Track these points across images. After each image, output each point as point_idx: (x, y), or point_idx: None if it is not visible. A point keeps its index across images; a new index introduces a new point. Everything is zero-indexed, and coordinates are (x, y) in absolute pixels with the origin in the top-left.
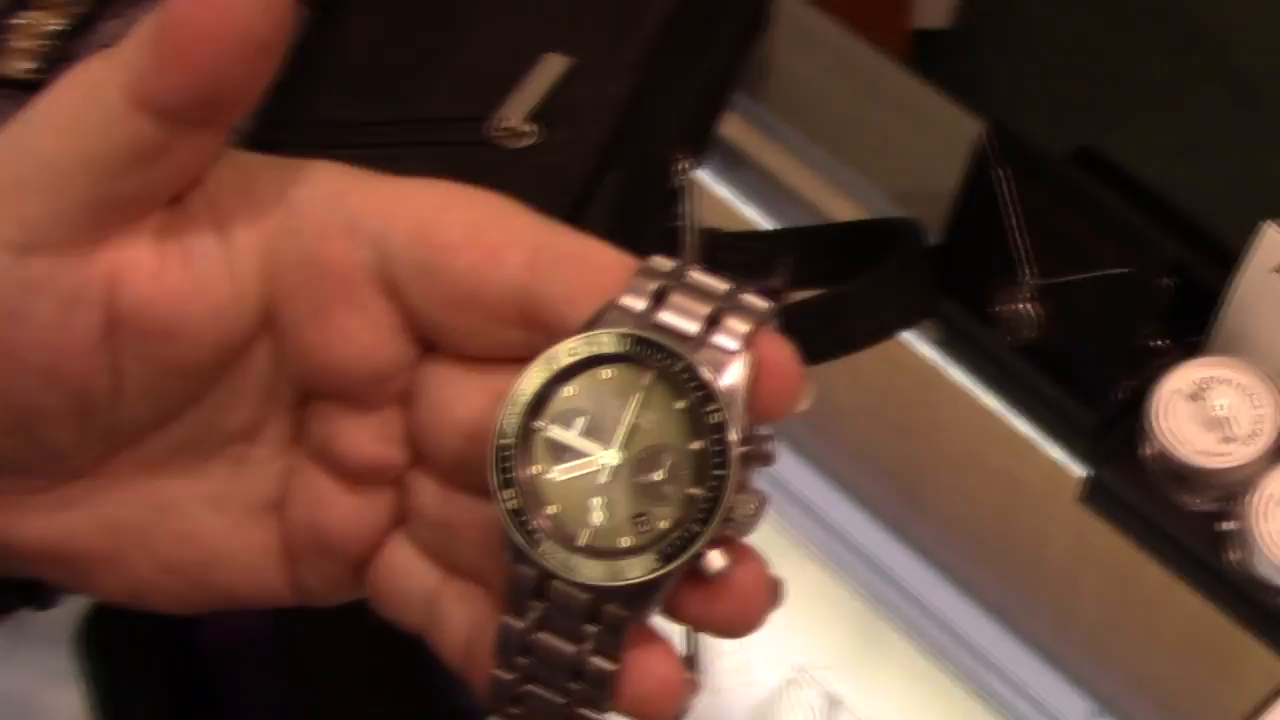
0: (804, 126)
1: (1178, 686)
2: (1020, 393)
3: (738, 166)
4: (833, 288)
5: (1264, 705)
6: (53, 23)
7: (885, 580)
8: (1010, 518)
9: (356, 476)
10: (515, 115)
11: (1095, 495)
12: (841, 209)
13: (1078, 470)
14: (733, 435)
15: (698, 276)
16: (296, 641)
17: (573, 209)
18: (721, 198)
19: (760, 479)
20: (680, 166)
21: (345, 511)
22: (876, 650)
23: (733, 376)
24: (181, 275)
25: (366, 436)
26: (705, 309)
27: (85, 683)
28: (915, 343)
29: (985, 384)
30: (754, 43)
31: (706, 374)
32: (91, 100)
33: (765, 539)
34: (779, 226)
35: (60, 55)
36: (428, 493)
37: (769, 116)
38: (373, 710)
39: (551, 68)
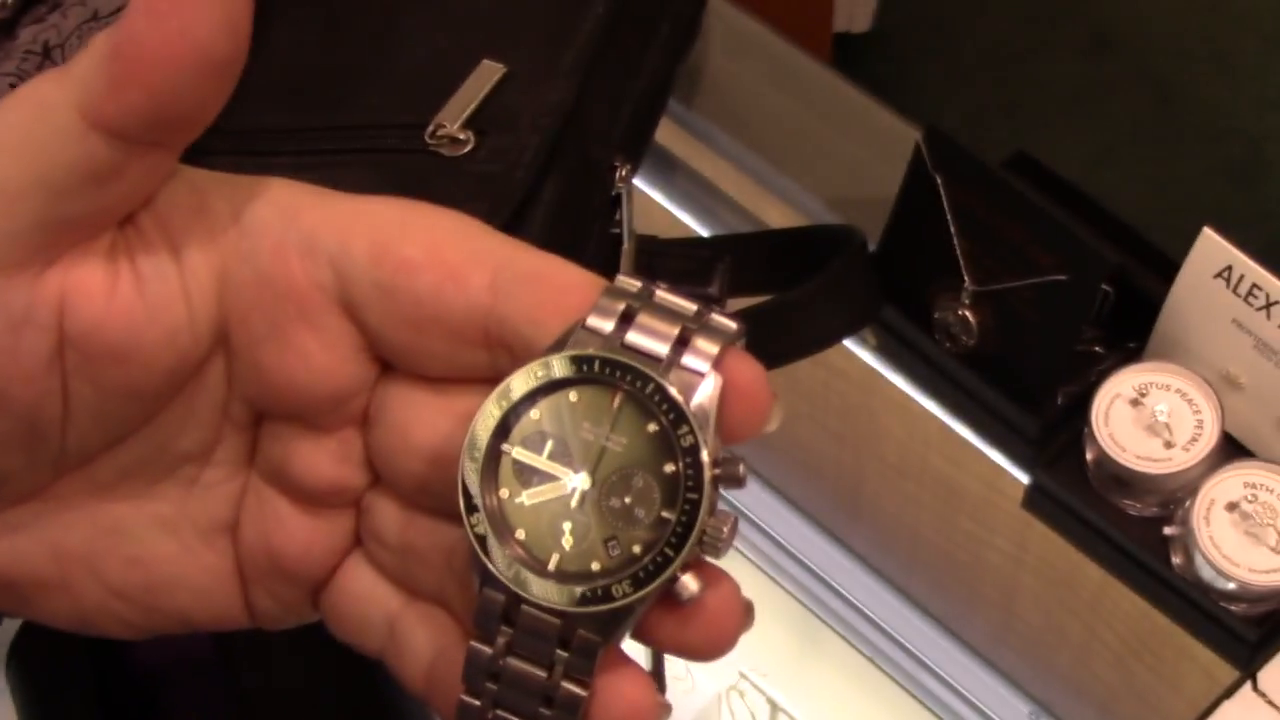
0: (737, 132)
1: (1119, 690)
2: (961, 399)
3: (670, 172)
4: (776, 295)
5: (1209, 710)
6: None
7: (826, 586)
8: (951, 523)
9: (314, 499)
10: (452, 122)
11: (1037, 500)
12: (776, 215)
13: (1019, 476)
14: (706, 457)
15: (665, 296)
16: (237, 660)
17: (512, 216)
18: (655, 204)
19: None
20: (619, 173)
21: (302, 534)
22: (817, 656)
23: (703, 398)
24: (133, 297)
25: (324, 458)
26: (673, 330)
27: (16, 702)
28: (854, 349)
29: (925, 390)
30: (691, 45)
31: (677, 396)
32: (43, 119)
33: None
34: (714, 233)
35: None
36: (388, 515)
37: (701, 122)
38: None
39: (487, 75)
